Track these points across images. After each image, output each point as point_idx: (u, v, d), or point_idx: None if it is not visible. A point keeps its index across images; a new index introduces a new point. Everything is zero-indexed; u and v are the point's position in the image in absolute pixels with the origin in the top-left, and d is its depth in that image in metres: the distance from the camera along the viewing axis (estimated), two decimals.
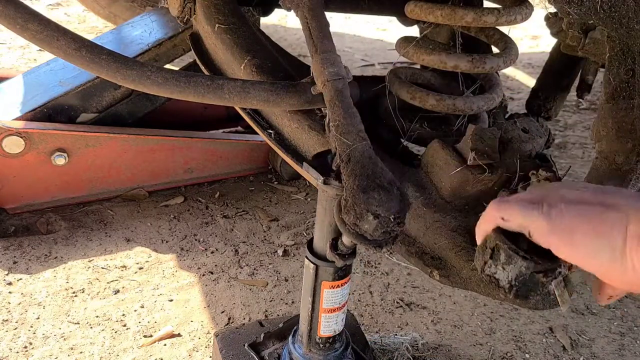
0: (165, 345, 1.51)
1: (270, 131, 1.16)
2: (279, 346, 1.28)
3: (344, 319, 1.15)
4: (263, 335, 1.28)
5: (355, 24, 4.44)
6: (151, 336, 1.52)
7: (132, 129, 2.00)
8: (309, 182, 2.27)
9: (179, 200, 2.10)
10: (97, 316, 1.57)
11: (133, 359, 1.45)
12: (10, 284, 1.65)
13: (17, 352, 1.43)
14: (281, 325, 1.29)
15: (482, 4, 1.41)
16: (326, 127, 0.96)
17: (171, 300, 1.66)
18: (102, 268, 1.75)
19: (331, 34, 1.02)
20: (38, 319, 1.54)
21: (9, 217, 1.89)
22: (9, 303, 1.58)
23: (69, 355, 1.44)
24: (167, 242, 1.89)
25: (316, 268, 1.06)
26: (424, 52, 1.21)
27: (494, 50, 1.35)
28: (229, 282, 1.75)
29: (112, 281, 1.70)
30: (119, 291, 1.67)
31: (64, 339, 1.49)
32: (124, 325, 1.55)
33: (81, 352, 1.46)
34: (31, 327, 1.52)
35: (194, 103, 1.58)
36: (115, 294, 1.66)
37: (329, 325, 1.12)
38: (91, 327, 1.54)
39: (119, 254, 1.81)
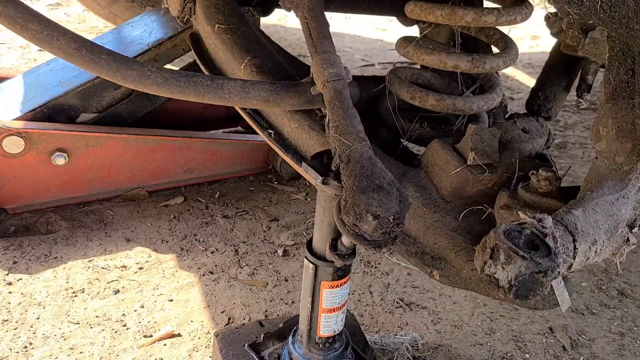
0: (165, 345, 1.51)
1: (270, 131, 1.16)
2: (279, 346, 1.28)
3: (343, 319, 1.15)
4: (263, 335, 1.28)
5: (355, 24, 4.44)
6: (151, 336, 1.52)
7: (132, 129, 2.00)
8: (309, 182, 2.27)
9: (179, 200, 2.10)
10: (97, 316, 1.57)
11: (133, 359, 1.46)
12: (10, 284, 1.65)
13: (17, 352, 1.44)
14: (281, 325, 1.29)
15: (482, 4, 1.41)
16: (326, 128, 0.96)
17: (171, 300, 1.66)
18: (102, 268, 1.75)
19: (331, 34, 1.03)
20: (38, 319, 1.54)
21: (9, 217, 1.90)
22: (9, 303, 1.58)
23: (69, 355, 1.44)
24: (167, 242, 1.89)
25: (315, 268, 1.06)
26: (424, 52, 1.22)
27: (494, 50, 1.35)
28: (229, 282, 1.75)
29: (112, 281, 1.70)
30: (119, 291, 1.67)
31: (64, 339, 1.49)
32: (124, 325, 1.55)
33: (81, 352, 1.46)
34: (31, 327, 1.52)
35: (194, 103, 1.59)
36: (115, 294, 1.66)
37: (329, 325, 1.12)
38: (91, 327, 1.54)
39: (119, 254, 1.81)
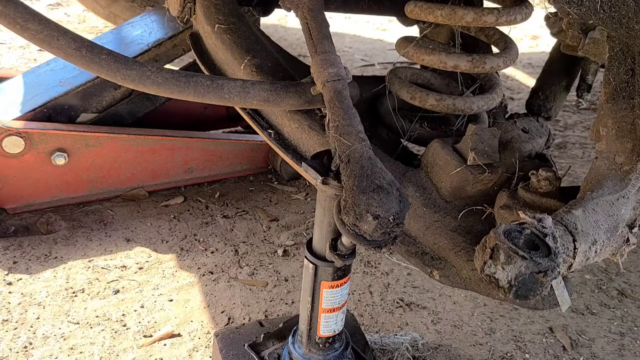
0: (165, 345, 1.51)
1: (270, 131, 1.16)
2: (278, 346, 1.28)
3: (343, 319, 1.15)
4: (263, 336, 1.28)
5: (355, 24, 4.44)
6: (151, 336, 1.52)
7: (132, 129, 2.00)
8: (309, 182, 2.27)
9: (179, 200, 2.10)
10: (97, 316, 1.57)
11: (133, 359, 1.46)
12: (10, 284, 1.65)
13: (17, 352, 1.44)
14: (281, 325, 1.29)
15: (482, 4, 1.41)
16: (326, 128, 0.96)
17: (171, 300, 1.66)
18: (102, 268, 1.75)
19: (331, 34, 1.03)
20: (38, 319, 1.54)
21: (9, 217, 1.90)
22: (9, 303, 1.58)
23: (69, 355, 1.44)
24: (167, 242, 1.89)
25: (315, 268, 1.06)
26: (424, 52, 1.22)
27: (494, 50, 1.35)
28: (229, 282, 1.75)
29: (112, 281, 1.70)
30: (119, 291, 1.67)
31: (64, 339, 1.49)
32: (124, 325, 1.55)
33: (81, 352, 1.46)
34: (31, 327, 1.52)
35: (194, 103, 1.59)
36: (115, 294, 1.66)
37: (329, 325, 1.12)
38: (91, 327, 1.54)
39: (119, 254, 1.81)
